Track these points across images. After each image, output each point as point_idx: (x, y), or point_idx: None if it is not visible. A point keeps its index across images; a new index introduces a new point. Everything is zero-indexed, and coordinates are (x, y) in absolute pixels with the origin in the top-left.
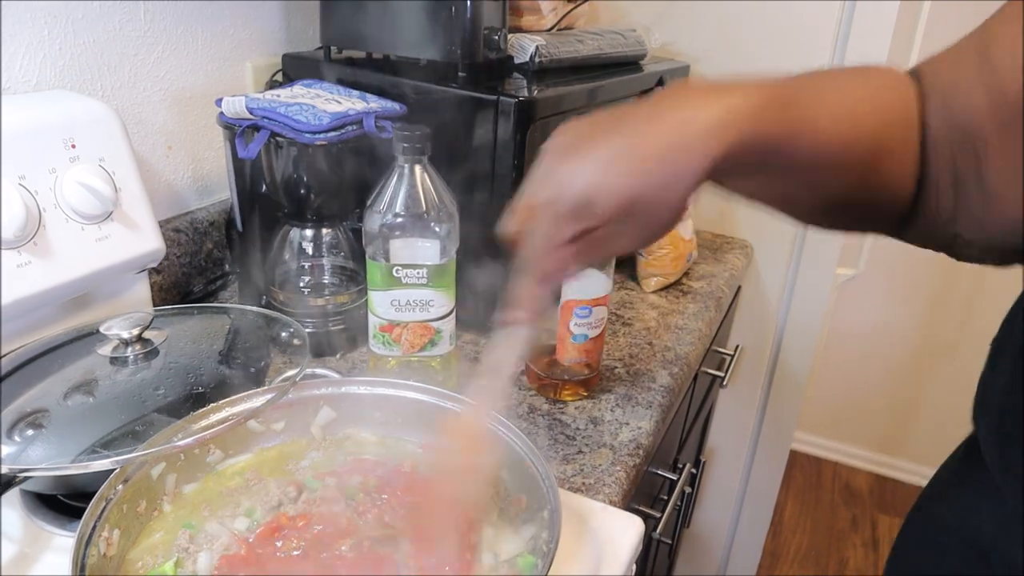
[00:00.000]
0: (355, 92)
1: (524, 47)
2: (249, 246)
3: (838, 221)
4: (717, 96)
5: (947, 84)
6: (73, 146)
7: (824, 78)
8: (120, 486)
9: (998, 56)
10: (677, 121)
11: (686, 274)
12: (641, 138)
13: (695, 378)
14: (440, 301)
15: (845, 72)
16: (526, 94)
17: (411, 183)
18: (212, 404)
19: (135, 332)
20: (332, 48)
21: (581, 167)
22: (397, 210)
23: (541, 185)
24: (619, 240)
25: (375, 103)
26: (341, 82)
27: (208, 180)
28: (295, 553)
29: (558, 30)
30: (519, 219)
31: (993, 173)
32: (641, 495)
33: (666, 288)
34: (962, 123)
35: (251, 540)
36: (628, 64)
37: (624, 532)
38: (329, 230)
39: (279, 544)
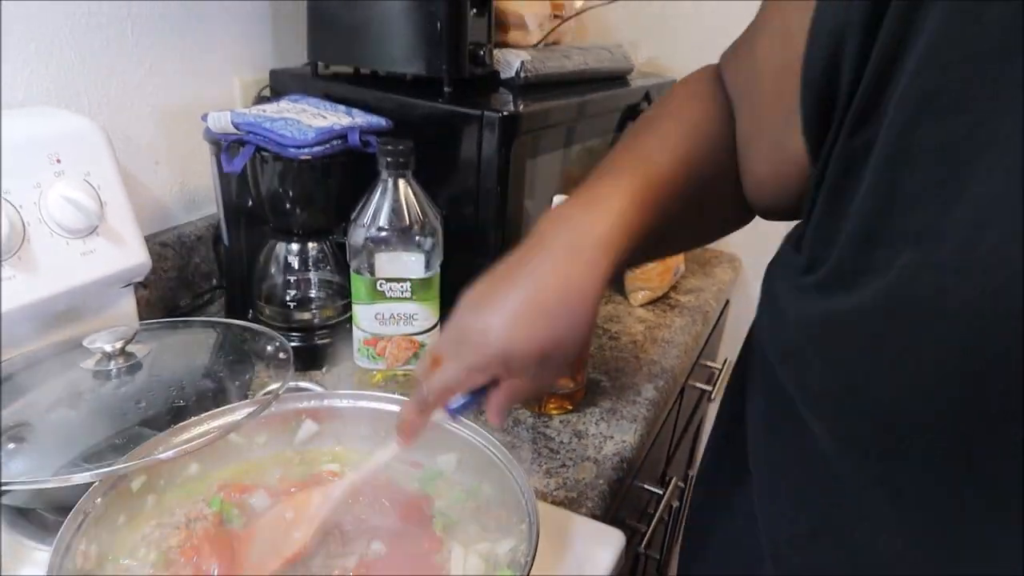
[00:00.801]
0: (341, 107)
1: (510, 62)
2: (236, 261)
3: (702, 237)
4: (593, 215)
5: (729, 83)
6: (58, 161)
7: (658, 137)
8: (99, 499)
9: (760, 55)
10: (564, 254)
11: (673, 288)
12: (538, 285)
13: (682, 392)
14: (424, 315)
15: (668, 117)
16: (511, 109)
17: (395, 197)
18: (194, 417)
19: (118, 345)
20: (319, 64)
21: (492, 327)
22: (381, 224)
23: (455, 339)
24: (537, 381)
25: (360, 118)
26: (328, 97)
27: (195, 195)
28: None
29: (544, 46)
30: (430, 363)
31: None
32: (628, 509)
33: (653, 302)
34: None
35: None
36: (614, 79)
37: (604, 545)
38: (315, 244)
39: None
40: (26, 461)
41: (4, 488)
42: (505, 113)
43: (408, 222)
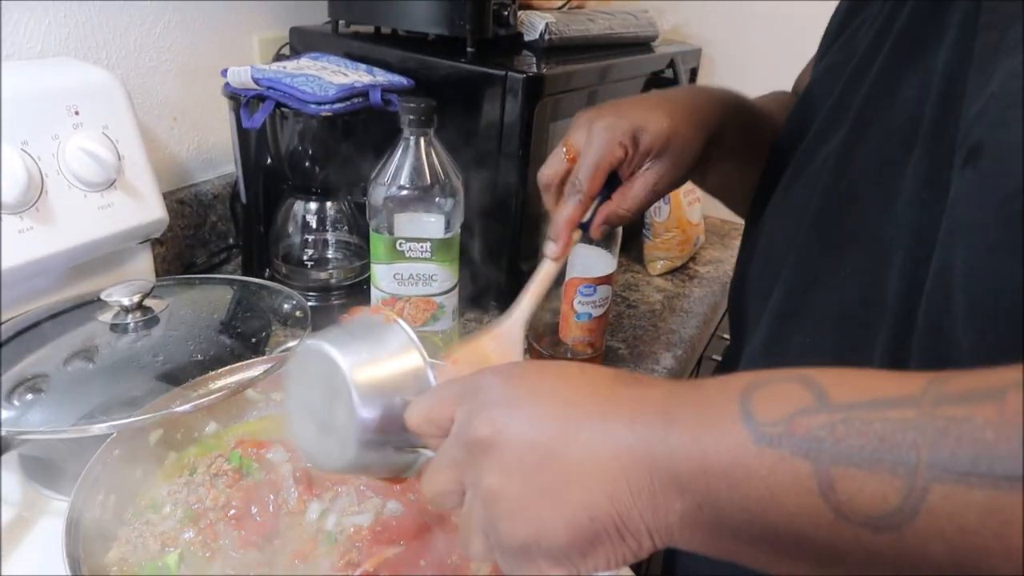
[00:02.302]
0: (362, 66)
1: (534, 24)
2: (253, 219)
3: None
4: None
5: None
6: (77, 113)
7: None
8: (117, 451)
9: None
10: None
11: (693, 258)
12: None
13: (699, 363)
14: (443, 276)
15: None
16: (535, 70)
17: (417, 156)
18: (211, 372)
19: (136, 299)
20: (340, 22)
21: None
22: (402, 183)
23: (583, 126)
24: (656, 174)
25: (382, 76)
26: (349, 56)
27: (213, 153)
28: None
29: (569, 9)
30: (567, 157)
31: None
32: None
33: (672, 272)
34: None
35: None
36: (639, 45)
37: None
38: (333, 204)
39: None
40: (44, 412)
41: (23, 438)
42: (530, 74)
43: (429, 181)
